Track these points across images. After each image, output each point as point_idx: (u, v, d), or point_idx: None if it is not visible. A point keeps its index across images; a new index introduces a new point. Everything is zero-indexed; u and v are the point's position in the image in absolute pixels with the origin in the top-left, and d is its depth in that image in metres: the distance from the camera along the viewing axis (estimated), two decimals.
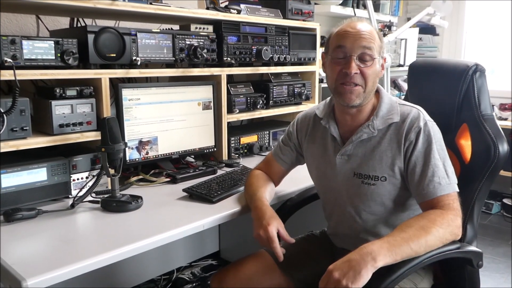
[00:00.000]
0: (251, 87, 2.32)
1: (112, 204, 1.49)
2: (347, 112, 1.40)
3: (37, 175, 1.50)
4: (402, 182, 1.35)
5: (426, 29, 4.17)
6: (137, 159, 1.82)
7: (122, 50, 1.69)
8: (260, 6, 2.30)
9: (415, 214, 1.37)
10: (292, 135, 1.62)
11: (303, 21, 2.49)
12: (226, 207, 1.52)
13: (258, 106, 2.25)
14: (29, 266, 1.09)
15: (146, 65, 1.88)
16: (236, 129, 2.41)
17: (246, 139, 2.27)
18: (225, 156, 2.15)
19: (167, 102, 1.90)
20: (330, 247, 1.58)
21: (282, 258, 1.32)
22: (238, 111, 2.18)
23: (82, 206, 1.52)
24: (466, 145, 1.52)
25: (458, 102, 1.54)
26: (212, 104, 2.06)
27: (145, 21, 2.15)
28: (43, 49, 1.49)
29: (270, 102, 2.35)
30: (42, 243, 1.26)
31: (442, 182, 1.27)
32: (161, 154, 1.90)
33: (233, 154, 2.19)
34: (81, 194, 1.52)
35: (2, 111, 1.39)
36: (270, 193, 1.55)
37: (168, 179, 1.82)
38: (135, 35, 1.72)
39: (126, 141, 1.73)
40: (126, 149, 1.74)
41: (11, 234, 1.29)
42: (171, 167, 1.94)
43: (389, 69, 2.98)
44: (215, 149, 2.11)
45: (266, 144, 2.38)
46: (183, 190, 1.64)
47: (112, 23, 2.02)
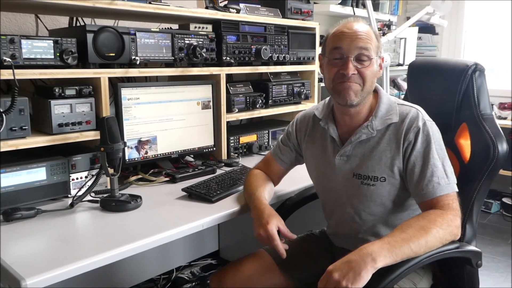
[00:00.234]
0: (250, 87, 2.32)
1: (111, 203, 1.49)
2: (346, 112, 1.40)
3: (36, 175, 1.50)
4: (402, 182, 1.35)
5: (426, 28, 4.17)
6: (136, 159, 1.82)
7: (121, 49, 1.68)
8: (259, 6, 2.30)
9: (415, 214, 1.37)
10: (291, 135, 1.61)
11: (303, 20, 2.49)
12: (225, 207, 1.52)
13: (257, 106, 2.25)
14: (28, 265, 1.09)
15: (145, 64, 1.88)
16: (235, 128, 2.41)
17: (245, 139, 2.27)
18: (224, 155, 2.15)
19: (166, 102, 1.90)
20: (329, 247, 1.58)
21: (285, 255, 1.32)
22: (237, 111, 2.18)
23: (81, 205, 1.52)
24: (466, 144, 1.52)
25: (458, 102, 1.54)
26: (211, 103, 2.06)
27: (144, 20, 2.15)
28: (42, 48, 1.49)
29: (270, 101, 2.35)
30: (41, 243, 1.26)
31: (441, 182, 1.27)
32: (160, 154, 1.90)
33: (232, 154, 2.19)
34: (80, 193, 1.52)
35: (1, 111, 1.39)
36: (269, 192, 1.55)
37: (167, 179, 1.82)
38: (134, 35, 1.72)
39: (125, 140, 1.73)
40: (125, 148, 1.74)
41: (10, 233, 1.29)
42: (170, 167, 1.94)
43: (388, 68, 2.98)
44: (214, 148, 2.11)
45: (265, 143, 2.38)
46: (182, 190, 1.64)
47: (111, 23, 2.02)
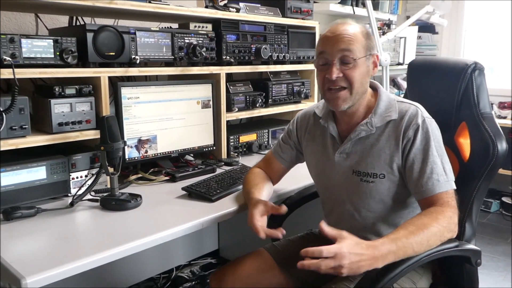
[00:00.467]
0: (250, 86, 2.32)
1: (111, 202, 1.50)
2: (343, 112, 1.41)
3: (36, 174, 1.50)
4: (401, 179, 1.35)
5: (425, 27, 4.17)
6: (136, 158, 1.82)
7: (121, 48, 1.68)
8: (259, 5, 2.30)
9: (415, 212, 1.38)
10: (292, 133, 1.62)
11: (302, 19, 2.49)
12: (225, 206, 1.52)
13: (257, 105, 2.25)
14: (28, 264, 1.09)
15: (145, 63, 1.88)
16: (235, 127, 2.41)
17: (245, 138, 2.27)
18: (224, 154, 2.15)
19: (166, 101, 1.90)
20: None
21: (280, 236, 1.30)
22: (237, 110, 2.18)
23: (81, 204, 1.53)
24: (465, 143, 1.52)
25: (457, 101, 1.54)
26: (211, 102, 2.06)
27: (144, 19, 2.15)
28: (42, 47, 1.49)
29: (269, 100, 2.35)
30: (42, 242, 1.26)
31: (441, 179, 1.28)
32: (160, 153, 1.90)
33: (232, 153, 2.19)
34: (80, 192, 1.52)
35: (1, 110, 1.39)
36: (267, 190, 1.54)
37: (167, 178, 1.83)
38: (134, 34, 1.72)
39: (125, 139, 1.73)
40: (125, 147, 1.74)
41: (11, 232, 1.29)
42: (170, 166, 1.95)
43: (388, 67, 2.98)
44: (214, 147, 2.11)
45: (265, 142, 2.38)
46: (182, 189, 1.65)
47: (111, 22, 2.02)
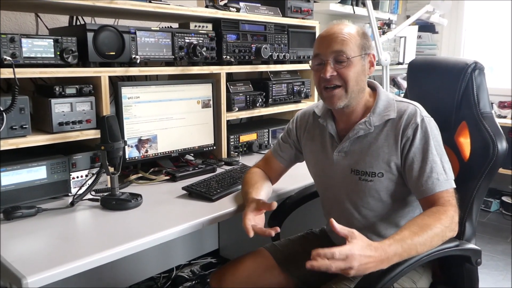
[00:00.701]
0: (251, 85, 2.32)
1: (111, 202, 1.50)
2: (341, 111, 1.42)
3: (36, 173, 1.50)
4: (400, 178, 1.36)
5: (425, 27, 4.17)
6: (136, 157, 1.82)
7: (122, 48, 1.69)
8: (259, 4, 2.30)
9: (416, 211, 1.38)
10: (291, 132, 1.62)
11: (302, 19, 2.49)
12: (225, 205, 1.52)
13: (258, 104, 2.25)
14: (29, 264, 1.09)
15: (146, 63, 1.88)
16: (235, 127, 2.41)
17: (245, 137, 2.27)
18: (224, 154, 2.15)
19: (167, 100, 1.90)
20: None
21: (273, 234, 1.28)
22: (237, 109, 2.18)
23: (82, 204, 1.53)
24: (465, 143, 1.52)
25: (457, 100, 1.55)
26: (211, 102, 2.06)
27: (144, 19, 2.15)
28: (43, 47, 1.49)
29: (270, 100, 2.35)
30: (42, 241, 1.26)
31: (441, 178, 1.28)
32: (160, 152, 1.90)
33: (232, 152, 2.19)
34: (80, 192, 1.53)
35: (2, 109, 1.39)
36: (265, 189, 1.53)
37: (167, 177, 1.83)
38: (135, 33, 1.72)
39: (125, 139, 1.73)
40: (126, 147, 1.74)
41: (11, 232, 1.29)
42: (171, 165, 1.95)
43: (388, 67, 2.98)
44: (215, 147, 2.11)
45: (266, 142, 2.38)
46: (183, 188, 1.65)
47: (111, 21, 2.02)
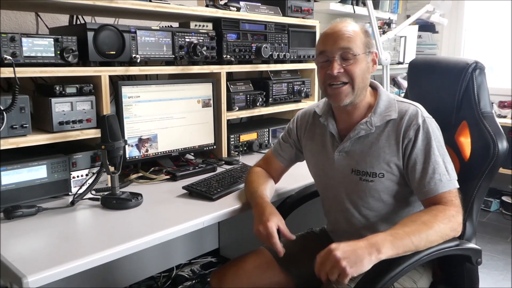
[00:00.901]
0: (251, 85, 2.32)
1: (112, 201, 1.50)
2: (343, 110, 1.41)
3: (37, 173, 1.50)
4: (401, 178, 1.36)
5: (426, 26, 4.17)
6: (136, 157, 1.82)
7: (122, 47, 1.68)
8: (259, 4, 2.30)
9: (417, 211, 1.38)
10: (292, 132, 1.62)
11: (303, 18, 2.49)
12: (225, 205, 1.53)
13: (258, 104, 2.25)
14: (29, 263, 1.09)
15: (146, 62, 1.88)
16: (235, 126, 2.41)
17: (245, 137, 2.27)
18: (224, 153, 2.15)
19: (167, 100, 1.90)
20: (329, 244, 1.58)
21: (282, 253, 1.32)
22: (237, 109, 2.18)
23: (82, 203, 1.53)
24: (466, 142, 1.52)
25: (458, 100, 1.55)
26: (211, 101, 2.06)
27: (144, 18, 2.15)
28: (43, 46, 1.49)
29: (270, 99, 2.35)
30: (42, 240, 1.26)
31: (443, 178, 1.28)
32: (160, 152, 1.90)
33: (232, 152, 2.19)
34: (81, 191, 1.52)
35: (2, 109, 1.39)
36: (270, 190, 1.55)
37: (167, 177, 1.83)
38: (135, 33, 1.72)
39: (126, 138, 1.73)
40: (126, 146, 1.74)
41: (11, 231, 1.29)
42: (171, 165, 1.95)
43: (388, 66, 2.98)
44: (215, 146, 2.11)
45: (266, 141, 2.38)
46: (183, 188, 1.65)
47: (111, 21, 2.02)
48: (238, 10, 2.15)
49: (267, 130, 2.39)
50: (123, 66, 1.73)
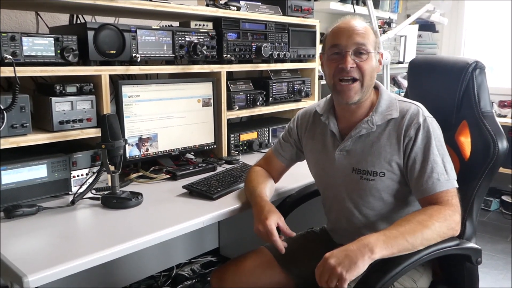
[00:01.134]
0: (251, 84, 2.32)
1: (112, 200, 1.50)
2: (347, 109, 1.41)
3: (37, 172, 1.50)
4: (402, 177, 1.36)
5: (426, 26, 4.17)
6: (137, 156, 1.82)
7: (122, 46, 1.68)
8: (259, 3, 2.30)
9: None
10: (292, 131, 1.62)
11: (303, 18, 2.49)
12: (226, 204, 1.53)
13: (258, 103, 2.25)
14: (30, 262, 1.09)
15: (146, 62, 1.88)
16: (235, 126, 2.41)
17: (245, 136, 2.27)
18: (224, 153, 2.15)
19: (167, 99, 1.90)
20: (330, 244, 1.59)
21: (284, 250, 1.33)
22: (237, 108, 2.18)
23: (82, 202, 1.53)
24: (466, 142, 1.52)
25: (458, 99, 1.55)
26: (212, 101, 2.06)
27: (145, 17, 2.15)
28: (43, 45, 1.49)
29: (270, 99, 2.35)
30: (43, 240, 1.27)
31: (441, 178, 1.28)
32: (161, 151, 1.90)
33: (232, 151, 2.19)
34: (81, 190, 1.53)
35: (2, 108, 1.39)
36: (270, 189, 1.55)
37: (168, 176, 1.83)
38: (135, 32, 1.72)
39: (126, 138, 1.73)
40: (126, 146, 1.74)
41: (12, 230, 1.29)
42: (171, 164, 1.95)
43: (388, 66, 2.98)
44: (215, 146, 2.11)
45: (266, 141, 2.38)
46: (183, 187, 1.65)
47: (111, 20, 2.02)
48: (238, 9, 2.15)
49: (267, 129, 2.39)
50: (123, 65, 1.73)
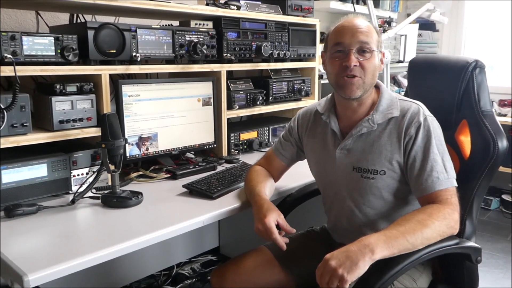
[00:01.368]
0: (251, 83, 2.32)
1: (112, 200, 1.50)
2: (348, 106, 1.41)
3: (37, 171, 1.50)
4: (402, 176, 1.36)
5: (426, 25, 4.17)
6: (137, 155, 1.82)
7: (122, 46, 1.68)
8: (259, 2, 2.30)
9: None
10: (293, 130, 1.62)
11: (303, 17, 2.49)
12: (226, 203, 1.53)
13: (258, 102, 2.25)
14: (30, 261, 1.09)
15: (146, 61, 1.88)
16: (235, 125, 2.41)
17: (245, 135, 2.27)
18: (225, 152, 2.16)
19: (167, 98, 1.90)
20: (330, 243, 1.59)
21: (285, 247, 1.33)
22: (237, 107, 2.18)
23: (83, 202, 1.53)
24: (466, 141, 1.52)
25: (458, 98, 1.55)
26: (212, 100, 2.06)
27: (145, 17, 2.15)
28: (43, 45, 1.49)
29: (270, 98, 2.35)
30: (43, 239, 1.27)
31: (441, 177, 1.28)
32: (161, 150, 1.90)
33: (232, 150, 2.19)
34: (81, 190, 1.53)
35: (3, 107, 1.39)
36: (270, 188, 1.55)
37: (168, 175, 1.83)
38: (135, 31, 1.72)
39: (126, 137, 1.73)
40: (126, 145, 1.74)
41: (12, 229, 1.29)
42: (171, 163, 1.95)
43: (388, 65, 2.98)
44: (215, 145, 2.11)
45: (266, 140, 2.38)
46: (183, 186, 1.65)
47: (111, 19, 2.02)
48: (239, 8, 2.15)
49: (267, 128, 2.39)
50: (124, 64, 1.73)
